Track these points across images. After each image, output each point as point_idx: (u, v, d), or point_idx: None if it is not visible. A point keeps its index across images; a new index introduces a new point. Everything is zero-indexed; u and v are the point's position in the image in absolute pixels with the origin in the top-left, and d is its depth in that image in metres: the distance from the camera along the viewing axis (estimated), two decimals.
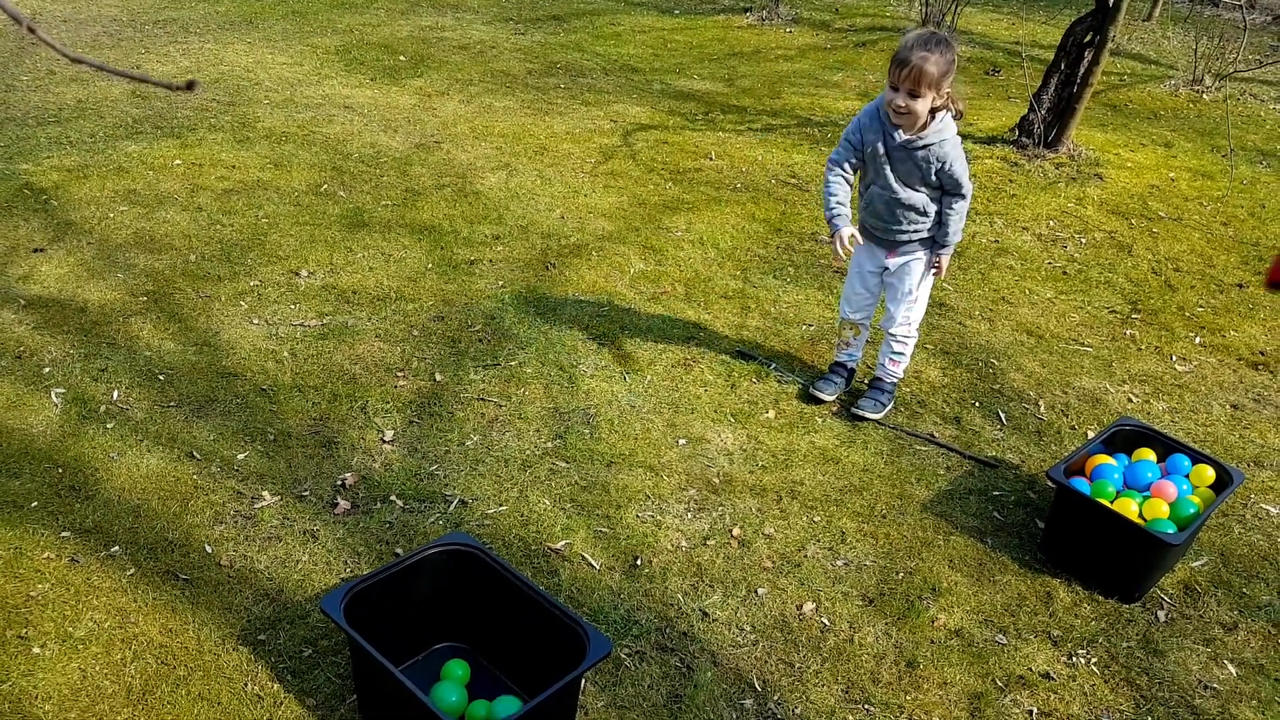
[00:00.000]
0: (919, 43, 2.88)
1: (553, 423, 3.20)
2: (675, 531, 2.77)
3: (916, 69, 2.85)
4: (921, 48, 2.87)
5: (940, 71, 2.88)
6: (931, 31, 2.92)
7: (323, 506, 2.76)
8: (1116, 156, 6.05)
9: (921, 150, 3.02)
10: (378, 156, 5.27)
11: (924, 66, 2.84)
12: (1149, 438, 2.93)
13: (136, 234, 4.22)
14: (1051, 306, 4.22)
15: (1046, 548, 2.78)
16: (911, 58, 2.86)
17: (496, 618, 2.22)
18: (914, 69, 2.86)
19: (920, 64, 2.85)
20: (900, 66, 2.88)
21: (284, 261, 4.09)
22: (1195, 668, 2.45)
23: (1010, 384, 3.62)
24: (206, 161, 5.02)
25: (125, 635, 2.31)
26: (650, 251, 4.44)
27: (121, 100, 5.80)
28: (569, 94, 6.70)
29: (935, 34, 2.92)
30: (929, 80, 2.86)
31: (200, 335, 3.53)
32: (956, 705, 2.30)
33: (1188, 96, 7.56)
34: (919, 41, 2.88)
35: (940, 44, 2.88)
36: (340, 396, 3.24)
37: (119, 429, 3.01)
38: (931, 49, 2.86)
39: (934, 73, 2.86)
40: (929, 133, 2.99)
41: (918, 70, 2.85)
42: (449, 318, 3.77)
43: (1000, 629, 2.52)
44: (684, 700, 2.26)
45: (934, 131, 3.00)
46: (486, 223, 4.60)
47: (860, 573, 2.67)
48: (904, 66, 2.87)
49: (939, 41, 2.89)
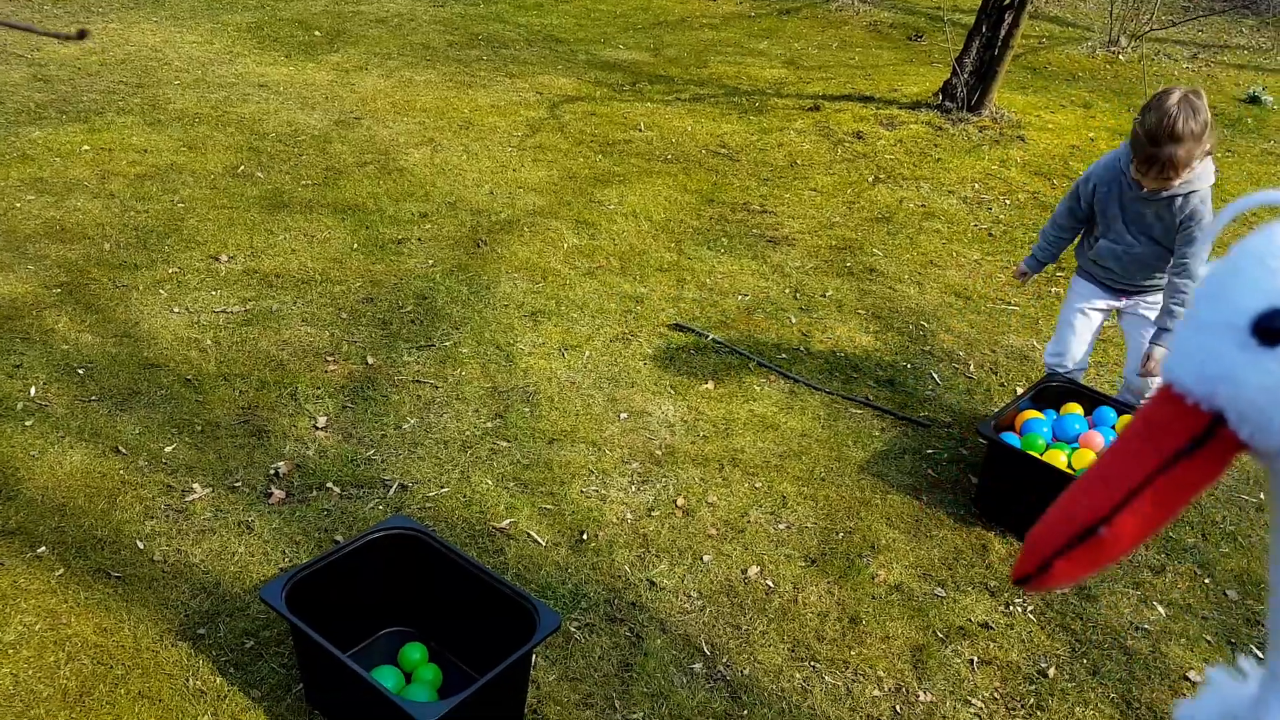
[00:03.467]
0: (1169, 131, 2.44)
1: (492, 402, 3.17)
2: (620, 504, 2.77)
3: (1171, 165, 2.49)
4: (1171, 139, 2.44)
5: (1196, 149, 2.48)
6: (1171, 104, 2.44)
7: (257, 497, 2.69)
8: (1038, 118, 6.19)
9: (1166, 201, 2.65)
10: (296, 135, 5.13)
11: (1177, 160, 2.48)
12: (1076, 392, 3.02)
13: (46, 224, 4.04)
14: (979, 268, 4.31)
15: (980, 502, 2.85)
16: (1160, 153, 2.48)
17: (443, 599, 2.20)
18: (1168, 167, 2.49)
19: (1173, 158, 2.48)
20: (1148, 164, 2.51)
21: (203, 247, 3.96)
22: (1126, 610, 2.55)
23: (940, 345, 3.69)
24: (116, 146, 4.82)
25: (58, 637, 2.23)
26: (583, 225, 4.41)
27: (23, 85, 5.53)
28: (492, 66, 6.59)
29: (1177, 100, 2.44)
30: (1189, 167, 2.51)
31: (119, 326, 3.41)
32: (899, 658, 2.36)
33: (1104, 58, 7.76)
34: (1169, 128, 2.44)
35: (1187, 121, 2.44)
36: (268, 384, 3.16)
37: (38, 426, 2.89)
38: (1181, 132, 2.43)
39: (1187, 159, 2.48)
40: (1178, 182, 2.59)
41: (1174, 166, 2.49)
42: (379, 299, 3.70)
43: (939, 582, 2.59)
44: (634, 669, 2.28)
45: (1185, 182, 2.59)
46: (413, 200, 4.52)
47: (802, 535, 2.72)
48: (1153, 165, 2.51)
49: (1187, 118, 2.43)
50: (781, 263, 4.22)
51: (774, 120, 5.94)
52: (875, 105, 6.23)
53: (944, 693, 2.28)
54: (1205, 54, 8.17)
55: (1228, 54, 8.26)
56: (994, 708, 2.25)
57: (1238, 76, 7.57)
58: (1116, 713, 2.26)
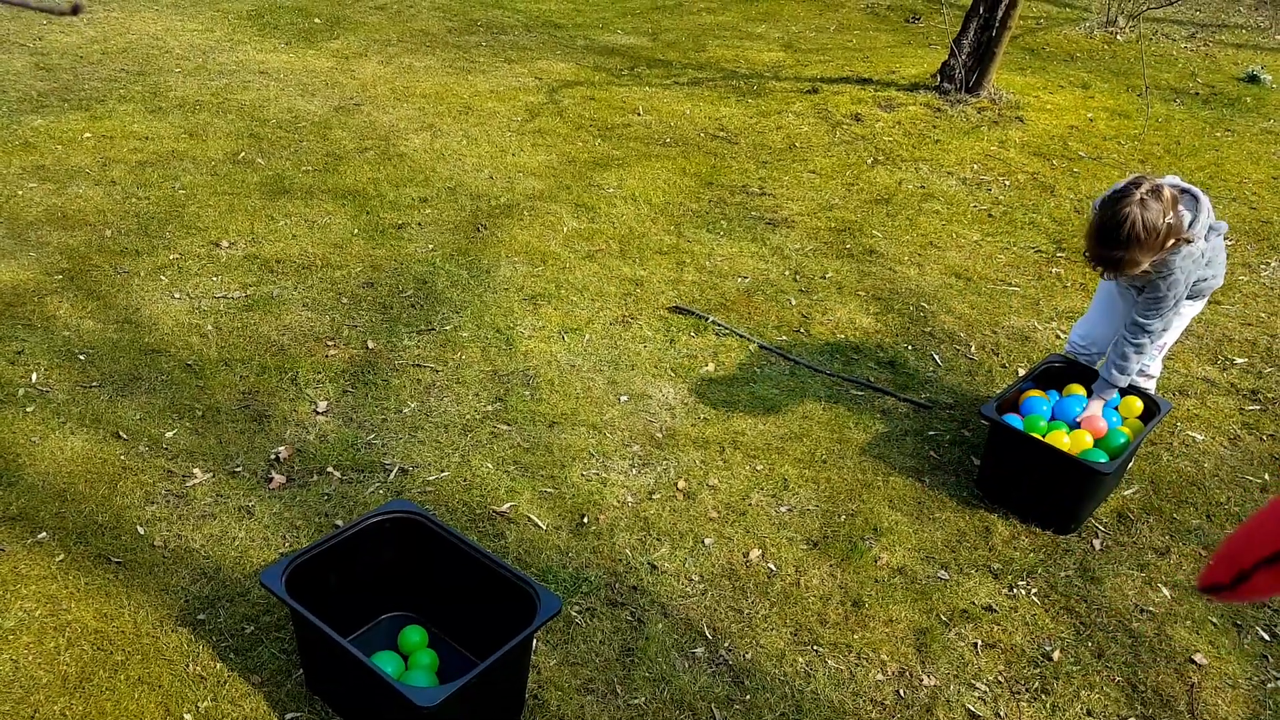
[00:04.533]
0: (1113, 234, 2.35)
1: (492, 386, 3.16)
2: (621, 488, 2.77)
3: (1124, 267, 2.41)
4: (1115, 243, 2.35)
5: (1156, 249, 2.39)
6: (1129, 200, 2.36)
7: (257, 481, 2.69)
8: (1036, 99, 6.15)
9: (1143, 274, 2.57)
10: (296, 122, 5.10)
11: (1130, 264, 2.40)
12: (1078, 373, 3.01)
13: (48, 211, 4.03)
14: (978, 249, 4.29)
15: (983, 484, 2.85)
16: (1107, 256, 2.40)
17: (444, 583, 2.19)
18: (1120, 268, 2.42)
19: (1124, 261, 2.40)
20: (1097, 262, 2.45)
21: (204, 233, 3.95)
22: (1131, 592, 2.54)
23: (941, 326, 3.68)
24: (118, 133, 4.80)
25: (58, 623, 2.23)
26: (583, 209, 4.39)
27: (25, 73, 5.50)
28: (491, 52, 6.56)
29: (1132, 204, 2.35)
30: (1138, 266, 2.42)
31: (120, 312, 3.40)
32: (903, 641, 2.36)
33: (1102, 38, 7.70)
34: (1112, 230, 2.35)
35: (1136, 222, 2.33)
36: (269, 369, 3.16)
37: (40, 412, 2.89)
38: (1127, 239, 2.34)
39: (1144, 261, 2.40)
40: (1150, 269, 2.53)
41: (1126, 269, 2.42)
42: (379, 283, 3.69)
43: (942, 565, 2.58)
44: (636, 653, 2.27)
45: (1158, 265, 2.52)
46: (413, 185, 4.50)
47: (804, 517, 2.71)
48: (1102, 265, 2.44)
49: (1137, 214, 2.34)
50: (781, 245, 4.20)
51: (772, 103, 5.91)
52: (873, 87, 6.19)
53: (948, 676, 2.28)
54: (1203, 33, 8.11)
55: (1226, 33, 8.20)
56: (998, 691, 2.25)
57: (1236, 55, 7.51)
58: (1122, 696, 2.26)
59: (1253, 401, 3.34)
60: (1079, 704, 2.23)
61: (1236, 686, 2.29)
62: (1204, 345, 3.66)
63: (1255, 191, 5.06)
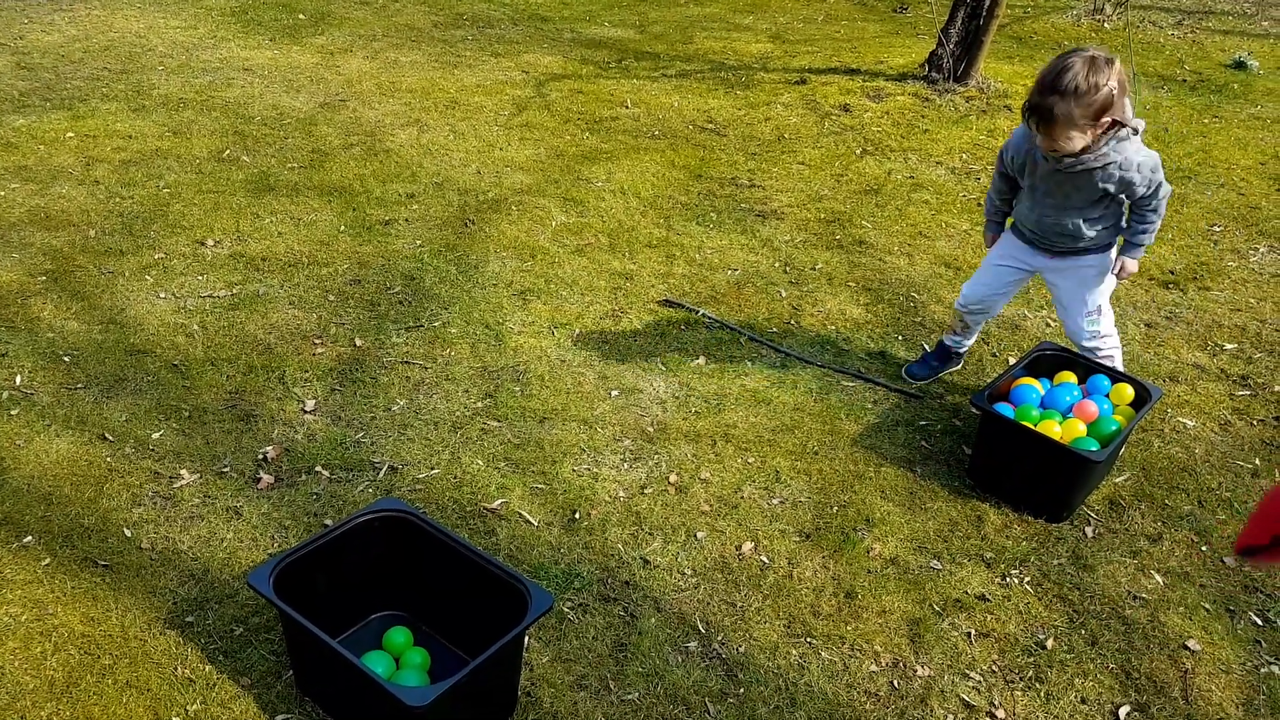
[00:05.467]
0: (1050, 83, 2.29)
1: (482, 382, 3.14)
2: (612, 482, 2.75)
3: (1053, 121, 2.32)
4: (1054, 91, 2.28)
5: (1088, 111, 2.31)
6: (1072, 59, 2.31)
7: (245, 482, 2.67)
8: (1024, 87, 6.13)
9: (1084, 173, 2.53)
10: (281, 119, 5.07)
11: (1059, 116, 2.31)
12: (1069, 361, 3.01)
13: (30, 211, 3.99)
14: (968, 238, 4.28)
15: (974, 473, 2.84)
16: (1043, 104, 2.32)
17: (435, 582, 2.18)
18: (1048, 121, 2.33)
19: (1054, 111, 2.31)
20: (1032, 114, 2.36)
21: (189, 232, 3.92)
22: (1124, 579, 2.54)
23: (931, 316, 3.67)
24: (101, 133, 4.76)
25: (44, 627, 2.21)
26: (571, 203, 4.37)
27: (6, 73, 5.45)
28: (477, 45, 6.52)
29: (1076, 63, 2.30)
30: (1070, 124, 2.33)
31: (105, 313, 3.37)
32: (896, 632, 2.35)
33: (1090, 26, 7.70)
34: (1052, 78, 2.29)
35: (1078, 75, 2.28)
36: (256, 368, 3.13)
37: (24, 414, 2.86)
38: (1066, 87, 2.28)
39: (1075, 117, 2.31)
40: (1091, 156, 2.48)
41: (1055, 123, 2.33)
42: (366, 280, 3.66)
43: (934, 555, 2.58)
44: (629, 648, 2.26)
45: (1098, 156, 2.47)
46: (399, 181, 4.47)
47: (796, 509, 2.70)
48: (1035, 116, 2.35)
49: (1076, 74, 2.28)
50: (771, 237, 4.19)
51: (761, 95, 5.89)
52: (862, 78, 6.18)
53: (942, 666, 2.27)
54: (1190, 20, 8.12)
55: (1213, 19, 8.21)
56: (992, 680, 2.24)
57: (1223, 42, 7.52)
58: (1116, 683, 2.26)
59: (1243, 387, 3.34)
60: (1073, 692, 2.22)
61: (1230, 672, 2.29)
62: (1194, 331, 3.66)
63: (1243, 178, 5.06)
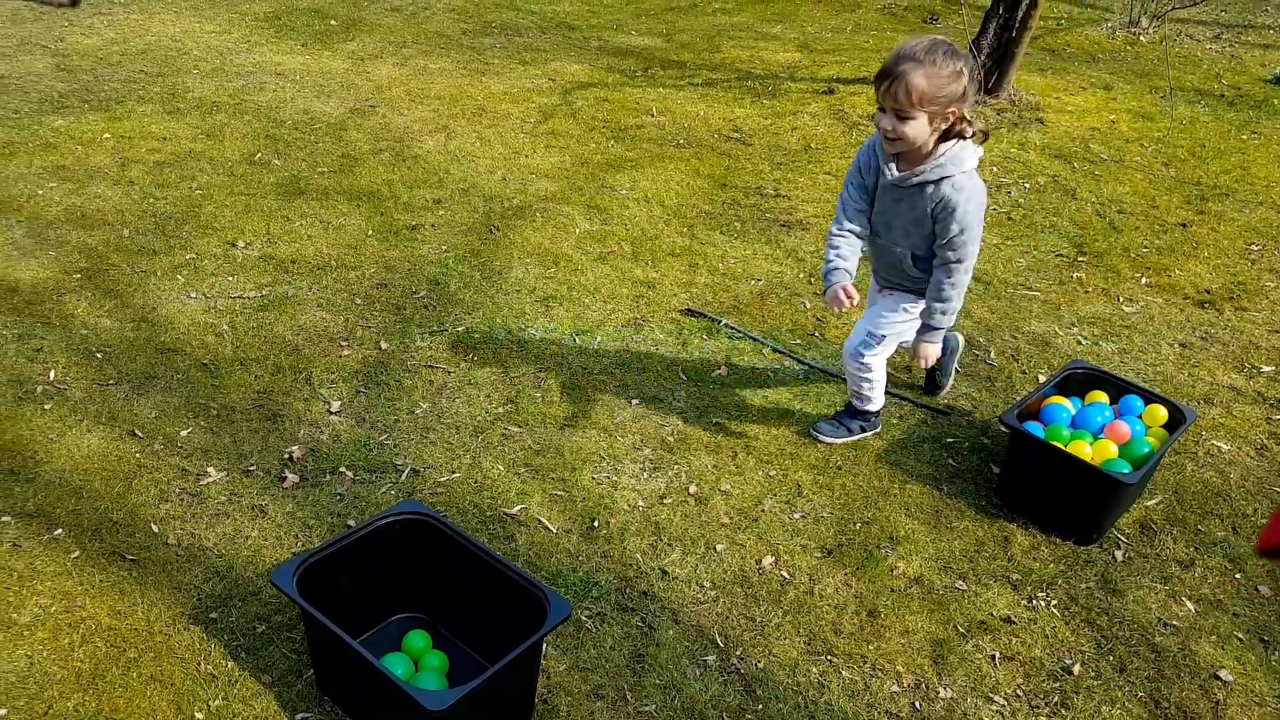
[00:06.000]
0: (907, 51, 2.35)
1: (503, 387, 3.15)
2: (632, 491, 2.75)
3: (902, 81, 2.33)
4: (909, 57, 2.33)
5: (937, 85, 2.33)
6: (932, 38, 2.39)
7: (270, 481, 2.69)
8: (1057, 100, 6.10)
9: (917, 189, 2.49)
10: (312, 123, 5.12)
11: (910, 78, 2.32)
12: (1101, 380, 2.97)
13: (67, 210, 4.05)
14: (998, 252, 4.25)
15: (1002, 493, 2.81)
16: (895, 68, 2.34)
17: (454, 585, 2.18)
18: (898, 82, 2.33)
19: (906, 74, 2.32)
20: (882, 80, 2.37)
21: (220, 233, 3.96)
22: (1154, 606, 2.50)
23: (960, 330, 3.63)
24: (136, 134, 4.83)
25: (72, 619, 2.23)
26: (595, 211, 4.37)
27: (46, 74, 5.55)
28: (505, 53, 6.56)
29: (935, 40, 2.38)
30: (919, 95, 2.33)
31: (137, 311, 3.41)
32: (919, 653, 2.33)
33: (1125, 39, 7.63)
34: (908, 50, 2.35)
35: (936, 50, 2.34)
36: (284, 368, 3.16)
37: (57, 409, 2.90)
38: (923, 56, 2.32)
39: (924, 86, 2.32)
40: (928, 166, 2.45)
41: (904, 83, 2.33)
42: (392, 284, 3.68)
43: (960, 575, 2.55)
44: (646, 659, 2.25)
45: (935, 167, 2.45)
46: (426, 187, 4.50)
47: (818, 524, 2.68)
48: (886, 79, 2.36)
49: (935, 48, 2.34)
50: (795, 247, 4.17)
51: (787, 104, 5.88)
52: None
53: (965, 689, 2.24)
54: (1229, 34, 8.02)
55: (1252, 34, 8.10)
56: (1017, 705, 2.21)
57: (1263, 57, 7.42)
58: (1144, 712, 2.22)
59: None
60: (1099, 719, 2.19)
61: (1264, 704, 2.25)
62: (1230, 352, 3.61)
63: None
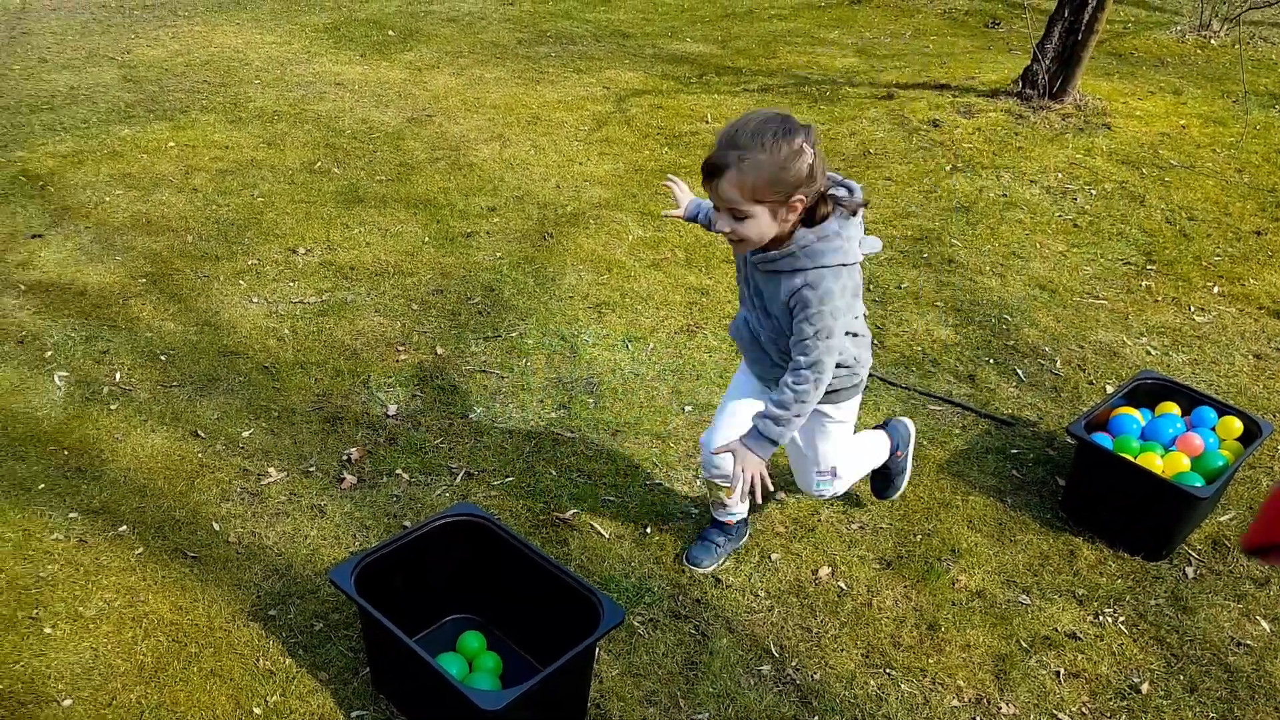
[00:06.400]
0: (730, 138, 1.89)
1: (556, 393, 3.15)
2: (684, 499, 2.72)
3: (728, 176, 1.88)
4: (732, 145, 1.87)
5: (771, 173, 1.86)
6: (763, 115, 1.90)
7: (329, 481, 2.72)
8: (1124, 105, 5.94)
9: (773, 275, 2.04)
10: (370, 132, 5.20)
11: (737, 171, 1.87)
12: (1172, 390, 2.87)
13: (133, 217, 4.16)
14: (1064, 260, 4.14)
15: (1068, 505, 2.72)
16: (719, 161, 1.88)
17: (508, 588, 2.18)
18: (722, 177, 1.89)
19: (731, 166, 1.87)
20: (708, 176, 1.92)
21: (281, 240, 4.03)
22: (1227, 624, 2.40)
23: (1024, 339, 3.55)
24: (200, 143, 4.95)
25: (135, 614, 2.28)
26: (648, 218, 4.36)
27: (113, 85, 5.72)
28: (560, 62, 6.59)
29: (766, 118, 1.89)
30: (750, 189, 1.88)
31: (200, 315, 3.48)
32: (981, 668, 2.26)
33: (1195, 42, 7.42)
34: (730, 136, 1.89)
35: (764, 133, 1.86)
36: (342, 372, 3.20)
37: (123, 410, 2.97)
38: (748, 142, 1.86)
39: (753, 179, 1.86)
40: (781, 256, 1.99)
41: (731, 177, 1.88)
42: (448, 290, 3.71)
43: (1023, 589, 2.48)
44: (700, 667, 2.22)
45: (787, 257, 1.98)
46: (482, 194, 4.53)
47: (876, 536, 2.63)
48: (711, 175, 1.91)
49: (763, 129, 1.86)
50: None
51: (846, 109, 5.82)
52: (952, 93, 6.05)
53: (1028, 705, 2.17)
54: None
55: None
56: None
57: None
58: None
59: None
60: None
61: None
62: None
63: None
